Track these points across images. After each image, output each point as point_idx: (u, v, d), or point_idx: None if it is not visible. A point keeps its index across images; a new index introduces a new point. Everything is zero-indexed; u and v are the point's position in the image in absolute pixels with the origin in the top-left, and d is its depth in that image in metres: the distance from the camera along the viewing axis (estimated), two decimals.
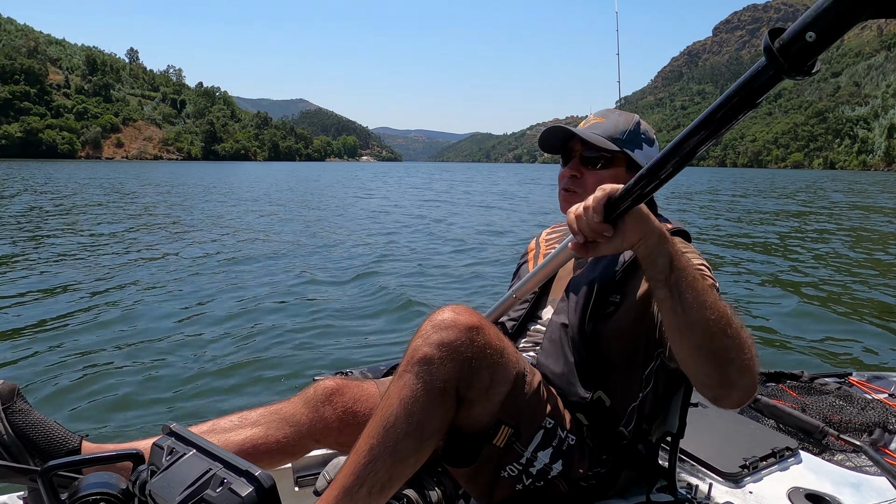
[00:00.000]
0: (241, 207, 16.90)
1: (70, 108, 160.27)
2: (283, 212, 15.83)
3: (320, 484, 1.30)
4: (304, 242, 9.85)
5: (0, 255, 7.96)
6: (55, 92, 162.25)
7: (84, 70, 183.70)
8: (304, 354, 4.16)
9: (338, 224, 13.09)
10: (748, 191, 31.89)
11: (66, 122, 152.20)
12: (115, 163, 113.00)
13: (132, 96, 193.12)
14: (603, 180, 1.34)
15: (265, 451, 1.35)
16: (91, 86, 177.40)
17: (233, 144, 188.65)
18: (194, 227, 11.70)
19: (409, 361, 1.12)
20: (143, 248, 8.83)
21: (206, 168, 71.93)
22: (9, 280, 6.39)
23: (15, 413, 1.27)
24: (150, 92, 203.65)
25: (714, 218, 15.66)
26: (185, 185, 28.30)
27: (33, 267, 7.16)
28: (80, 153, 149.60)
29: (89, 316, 5.03)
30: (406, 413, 1.08)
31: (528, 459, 1.22)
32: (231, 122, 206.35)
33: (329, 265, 7.73)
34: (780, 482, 1.58)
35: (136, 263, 7.57)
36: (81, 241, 9.43)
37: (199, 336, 4.57)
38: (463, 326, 1.11)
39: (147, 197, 20.21)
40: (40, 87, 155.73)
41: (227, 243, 9.55)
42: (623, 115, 1.43)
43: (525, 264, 1.58)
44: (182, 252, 8.56)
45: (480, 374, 1.12)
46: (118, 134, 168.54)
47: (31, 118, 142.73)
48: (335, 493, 1.07)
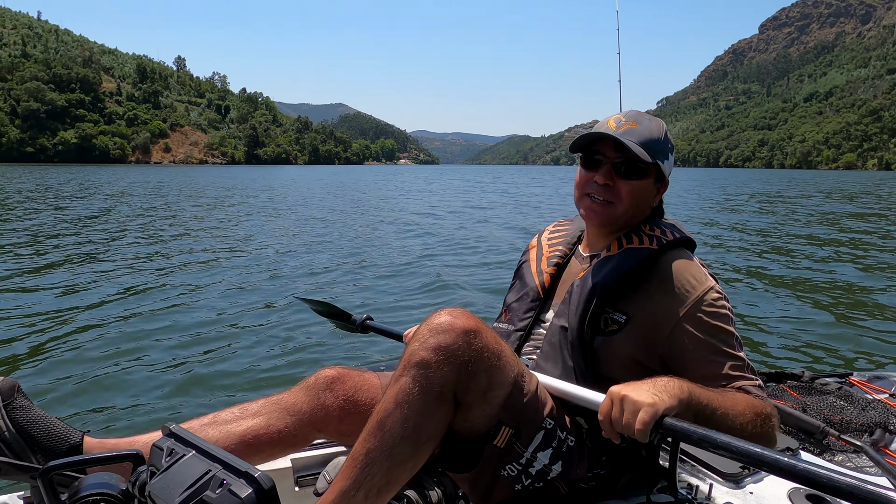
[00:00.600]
0: (312, 210, 17.23)
1: (121, 114, 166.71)
2: (351, 214, 16.12)
3: (320, 484, 1.30)
4: (365, 246, 10.01)
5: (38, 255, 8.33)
6: (108, 99, 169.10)
7: (135, 78, 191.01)
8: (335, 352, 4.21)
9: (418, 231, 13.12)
10: (803, 192, 30.84)
11: (118, 129, 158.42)
12: (163, 167, 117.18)
13: (179, 102, 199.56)
14: (635, 190, 1.34)
15: (267, 442, 1.35)
16: (141, 93, 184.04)
17: (274, 148, 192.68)
18: (234, 228, 12.08)
19: (405, 365, 1.11)
20: (194, 251, 9.18)
21: (252, 171, 73.71)
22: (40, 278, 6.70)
23: (16, 409, 1.27)
24: (197, 98, 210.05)
25: (728, 213, 15.35)
26: (243, 189, 29.10)
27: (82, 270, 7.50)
28: (131, 158, 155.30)
29: (115, 310, 5.26)
30: (403, 417, 1.08)
31: (528, 460, 1.22)
32: (273, 126, 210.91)
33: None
34: (780, 483, 1.57)
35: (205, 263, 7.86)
36: (124, 243, 9.87)
37: (216, 331, 4.73)
38: (460, 330, 1.11)
39: (206, 199, 20.88)
40: (94, 94, 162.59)
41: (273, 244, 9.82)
42: (653, 120, 1.38)
43: (526, 263, 1.55)
44: (219, 249, 8.88)
45: (478, 377, 1.11)
46: (166, 139, 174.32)
47: (86, 124, 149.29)
48: (333, 497, 1.07)
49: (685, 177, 71.25)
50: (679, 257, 1.32)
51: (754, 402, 1.19)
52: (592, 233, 1.45)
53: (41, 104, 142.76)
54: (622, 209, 1.35)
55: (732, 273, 7.62)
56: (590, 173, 1.37)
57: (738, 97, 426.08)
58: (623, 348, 1.27)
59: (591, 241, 1.45)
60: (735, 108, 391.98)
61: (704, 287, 1.27)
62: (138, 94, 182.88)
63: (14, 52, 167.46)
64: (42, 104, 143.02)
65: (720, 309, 1.26)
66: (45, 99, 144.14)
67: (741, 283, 6.94)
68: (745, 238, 11.51)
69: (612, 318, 1.29)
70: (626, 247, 1.33)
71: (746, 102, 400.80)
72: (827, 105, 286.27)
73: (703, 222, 14.56)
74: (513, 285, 1.54)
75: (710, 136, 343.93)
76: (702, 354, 1.24)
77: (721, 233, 12.30)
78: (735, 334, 1.26)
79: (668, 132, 1.39)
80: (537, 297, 1.45)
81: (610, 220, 1.36)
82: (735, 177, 67.44)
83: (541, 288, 1.46)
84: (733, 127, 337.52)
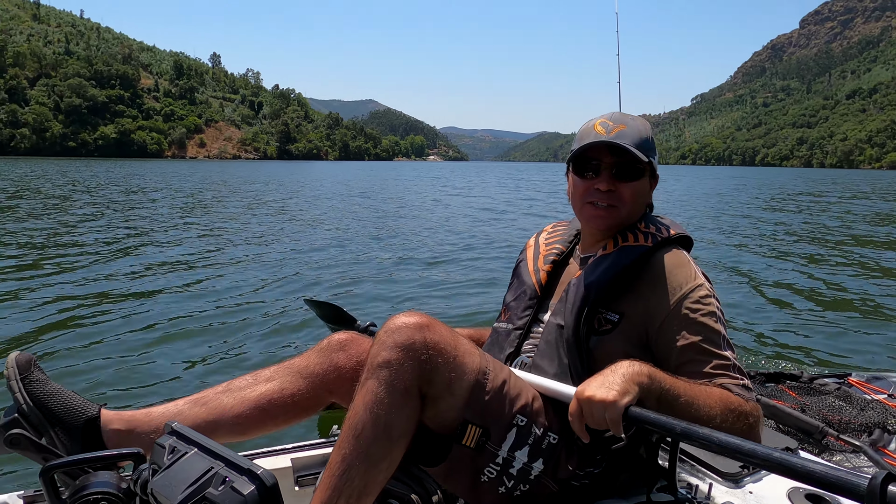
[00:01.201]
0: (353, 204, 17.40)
1: (159, 110, 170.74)
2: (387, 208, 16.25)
3: None
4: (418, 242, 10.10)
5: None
6: (146, 95, 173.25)
7: (172, 74, 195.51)
8: None
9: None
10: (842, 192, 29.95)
11: (155, 124, 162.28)
12: (198, 161, 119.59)
13: (214, 98, 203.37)
14: (636, 191, 1.36)
15: (281, 406, 1.36)
16: (178, 89, 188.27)
17: (305, 144, 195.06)
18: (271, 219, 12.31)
19: (369, 368, 1.14)
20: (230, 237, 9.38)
21: (284, 167, 74.60)
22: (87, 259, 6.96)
23: (33, 383, 1.27)
24: (231, 94, 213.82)
25: (732, 216, 15.00)
26: (284, 183, 29.51)
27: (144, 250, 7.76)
28: (167, 153, 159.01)
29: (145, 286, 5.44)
30: (373, 417, 1.10)
31: (506, 459, 1.21)
32: (304, 122, 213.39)
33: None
34: (779, 482, 1.58)
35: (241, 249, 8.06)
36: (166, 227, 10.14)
37: (235, 314, 4.91)
38: (413, 326, 1.15)
39: (242, 193, 21.29)
40: (133, 91, 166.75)
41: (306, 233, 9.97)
42: (637, 119, 1.39)
43: (523, 262, 1.55)
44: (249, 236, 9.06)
45: (439, 370, 1.14)
46: (201, 134, 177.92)
47: (125, 120, 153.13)
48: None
49: (718, 175, 69.68)
50: (671, 255, 1.32)
51: (729, 397, 1.19)
52: (590, 234, 1.46)
53: (83, 100, 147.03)
54: (626, 212, 1.36)
55: (732, 273, 7.59)
56: (588, 181, 1.37)
57: (776, 94, 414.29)
58: (617, 347, 1.28)
59: (589, 241, 1.46)
60: (773, 105, 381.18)
61: (692, 284, 1.27)
62: (175, 91, 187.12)
63: (58, 49, 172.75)
64: (84, 100, 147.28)
65: (706, 306, 1.26)
66: (86, 95, 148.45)
67: (741, 284, 6.92)
68: (744, 236, 11.42)
69: (606, 318, 1.30)
70: (622, 245, 1.34)
71: (785, 99, 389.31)
72: (871, 102, 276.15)
73: (708, 219, 14.45)
74: (511, 284, 1.55)
75: (747, 133, 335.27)
76: (686, 352, 1.25)
77: (721, 231, 12.25)
78: (721, 333, 1.26)
79: (650, 128, 1.40)
80: (534, 296, 1.46)
81: (616, 223, 1.38)
82: (773, 176, 65.70)
83: (538, 286, 1.46)
84: (771, 125, 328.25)
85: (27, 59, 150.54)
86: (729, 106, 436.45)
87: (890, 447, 1.82)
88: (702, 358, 1.24)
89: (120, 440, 1.29)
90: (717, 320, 1.26)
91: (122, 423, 1.31)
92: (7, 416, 1.25)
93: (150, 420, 1.32)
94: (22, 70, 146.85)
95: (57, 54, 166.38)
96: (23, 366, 1.28)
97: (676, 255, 1.32)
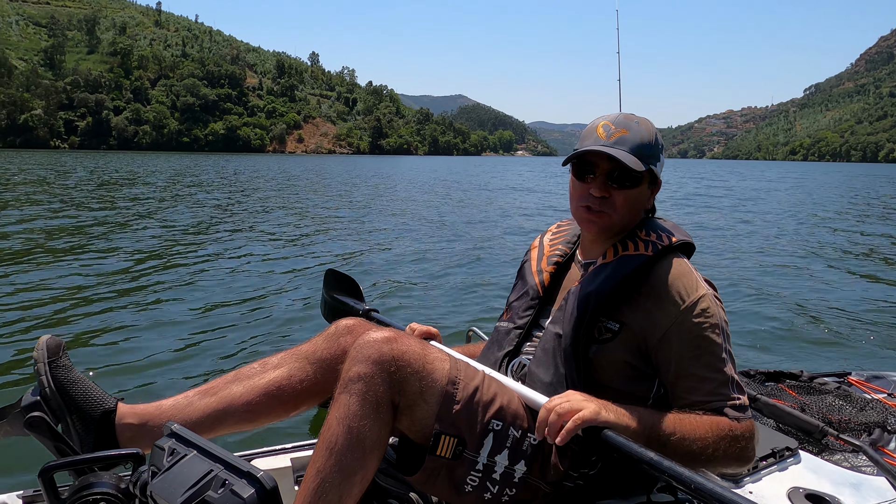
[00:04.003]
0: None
1: (262, 107, 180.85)
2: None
3: None
4: None
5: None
6: (251, 94, 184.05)
7: (274, 73, 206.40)
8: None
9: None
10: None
11: (258, 121, 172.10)
12: (297, 156, 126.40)
13: (312, 96, 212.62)
14: (630, 199, 1.34)
15: (290, 392, 1.38)
16: (279, 87, 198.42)
17: (396, 139, 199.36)
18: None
19: (341, 384, 1.17)
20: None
21: (377, 161, 77.10)
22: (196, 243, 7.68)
23: (59, 368, 1.29)
24: (327, 91, 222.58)
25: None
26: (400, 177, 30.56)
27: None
28: (269, 148, 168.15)
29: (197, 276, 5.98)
30: (346, 430, 1.12)
31: (486, 465, 1.21)
32: (396, 118, 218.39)
33: None
34: (779, 482, 1.57)
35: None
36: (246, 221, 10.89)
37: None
38: (381, 340, 1.18)
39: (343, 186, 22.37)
40: (239, 90, 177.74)
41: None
42: (643, 123, 1.36)
43: (527, 262, 1.56)
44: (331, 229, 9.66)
45: (409, 380, 1.17)
46: (299, 130, 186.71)
47: (232, 117, 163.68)
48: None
49: (833, 171, 64.27)
50: (672, 264, 1.30)
51: (720, 424, 1.19)
52: (588, 239, 1.45)
53: (196, 98, 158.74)
54: (618, 218, 1.35)
55: (732, 273, 7.47)
56: (585, 184, 1.36)
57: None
58: (617, 355, 1.29)
59: (588, 247, 1.46)
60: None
61: (694, 297, 1.26)
62: (277, 89, 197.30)
63: (175, 52, 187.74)
64: (197, 98, 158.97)
65: (709, 318, 1.25)
66: (199, 94, 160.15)
67: (741, 283, 6.84)
68: (746, 237, 11.17)
69: (606, 327, 1.29)
70: (622, 254, 1.33)
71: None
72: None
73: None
74: (515, 285, 1.56)
75: (869, 127, 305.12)
76: (684, 366, 1.25)
77: (721, 230, 11.96)
78: (722, 346, 1.25)
79: (657, 132, 1.37)
80: (537, 296, 1.46)
81: (607, 228, 1.37)
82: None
83: (540, 286, 1.46)
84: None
85: (149, 61, 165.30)
86: (848, 97, 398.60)
87: (890, 446, 1.82)
88: (701, 374, 1.23)
89: (132, 434, 1.29)
90: (719, 332, 1.25)
91: (135, 417, 1.31)
92: (31, 397, 1.26)
93: (161, 413, 1.33)
94: (145, 72, 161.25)
95: (175, 57, 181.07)
96: (52, 350, 1.29)
97: (678, 265, 1.30)
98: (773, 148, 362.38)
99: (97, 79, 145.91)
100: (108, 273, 6.37)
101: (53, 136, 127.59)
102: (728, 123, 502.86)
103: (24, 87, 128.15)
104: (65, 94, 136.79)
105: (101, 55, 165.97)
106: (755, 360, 4.07)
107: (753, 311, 5.60)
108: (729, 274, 7.29)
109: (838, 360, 4.18)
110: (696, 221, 13.25)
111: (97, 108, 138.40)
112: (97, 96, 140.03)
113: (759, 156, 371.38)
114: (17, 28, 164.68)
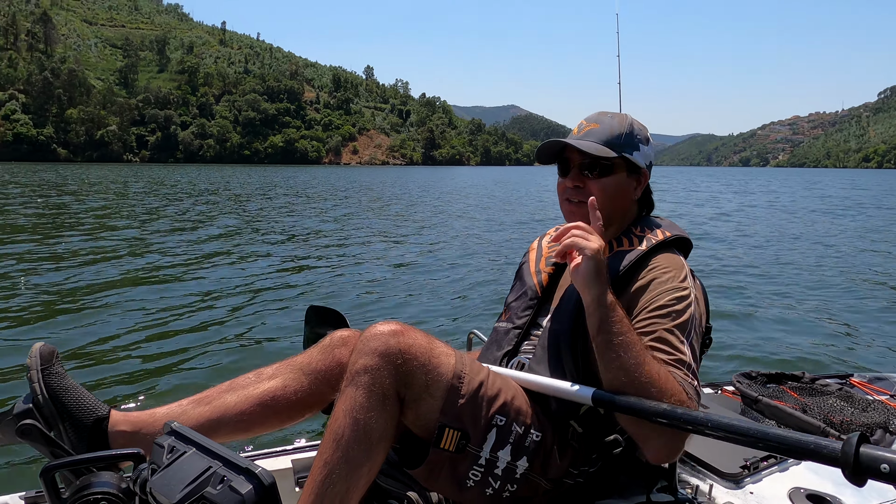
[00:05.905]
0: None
1: (319, 120, 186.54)
2: None
3: None
4: None
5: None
6: (308, 107, 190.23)
7: (330, 87, 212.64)
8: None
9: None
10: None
11: (315, 133, 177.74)
12: (352, 167, 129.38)
13: (367, 108, 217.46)
14: (606, 187, 1.37)
15: (284, 403, 1.37)
16: (335, 100, 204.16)
17: (448, 150, 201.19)
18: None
19: (348, 377, 1.17)
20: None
21: (430, 172, 77.88)
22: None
23: (52, 375, 1.29)
24: (381, 104, 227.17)
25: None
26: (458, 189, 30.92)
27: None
28: (325, 160, 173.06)
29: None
30: (352, 422, 1.13)
31: (489, 460, 1.23)
32: (448, 129, 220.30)
33: None
34: (780, 482, 1.58)
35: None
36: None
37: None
38: (388, 332, 1.18)
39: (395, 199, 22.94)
40: (297, 104, 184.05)
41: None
42: (616, 116, 1.42)
43: (525, 264, 1.58)
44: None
45: (415, 373, 1.17)
46: (354, 142, 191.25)
47: (290, 130, 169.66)
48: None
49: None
50: (664, 258, 1.33)
51: (676, 387, 1.17)
52: None
53: (256, 113, 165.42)
54: (602, 207, 1.36)
55: (731, 272, 7.40)
56: (564, 180, 1.42)
57: None
58: None
59: None
60: None
61: (673, 285, 1.28)
62: (333, 102, 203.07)
63: (238, 69, 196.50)
64: (257, 113, 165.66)
65: (677, 304, 1.26)
66: (259, 108, 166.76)
67: (740, 283, 6.78)
68: (747, 237, 11.09)
69: None
70: (617, 249, 1.37)
71: None
72: None
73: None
74: (513, 286, 1.58)
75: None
76: (647, 331, 1.26)
77: (720, 228, 12.05)
78: (689, 331, 1.26)
79: (635, 124, 1.42)
80: (535, 296, 1.48)
81: (587, 218, 1.37)
82: None
83: (539, 287, 1.48)
84: None
85: (214, 78, 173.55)
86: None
87: (892, 447, 1.73)
88: (656, 345, 1.23)
89: (125, 442, 1.29)
90: (682, 318, 1.26)
91: (128, 424, 1.31)
92: (23, 405, 1.26)
93: (155, 421, 1.32)
94: (210, 88, 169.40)
95: (237, 73, 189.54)
96: (45, 357, 1.30)
97: (670, 259, 1.33)
98: (845, 155, 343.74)
99: (166, 96, 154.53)
100: (107, 282, 6.38)
101: (126, 150, 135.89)
102: (794, 130, 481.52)
103: (101, 105, 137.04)
104: (137, 111, 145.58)
105: (171, 73, 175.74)
106: (756, 362, 4.04)
107: (754, 310, 5.60)
108: (730, 272, 7.29)
109: (840, 362, 4.15)
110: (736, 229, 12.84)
111: (166, 124, 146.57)
112: (166, 112, 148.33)
113: (829, 163, 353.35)
114: (95, 50, 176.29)
